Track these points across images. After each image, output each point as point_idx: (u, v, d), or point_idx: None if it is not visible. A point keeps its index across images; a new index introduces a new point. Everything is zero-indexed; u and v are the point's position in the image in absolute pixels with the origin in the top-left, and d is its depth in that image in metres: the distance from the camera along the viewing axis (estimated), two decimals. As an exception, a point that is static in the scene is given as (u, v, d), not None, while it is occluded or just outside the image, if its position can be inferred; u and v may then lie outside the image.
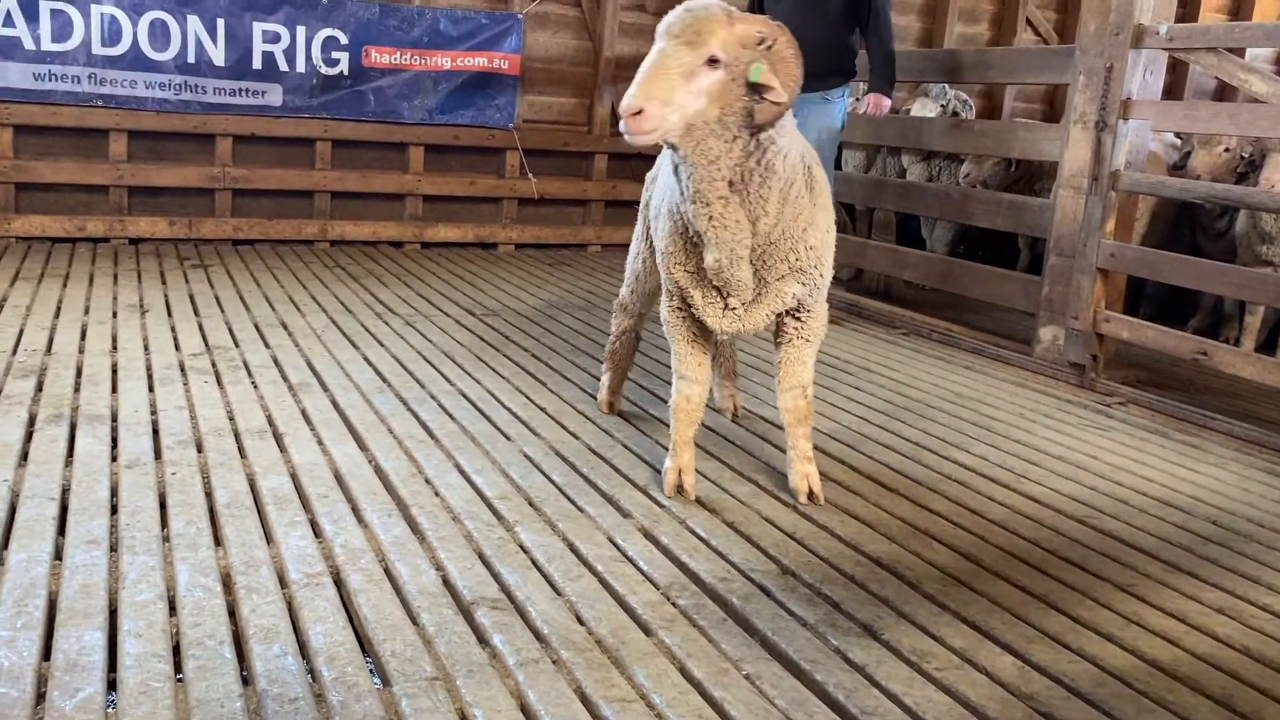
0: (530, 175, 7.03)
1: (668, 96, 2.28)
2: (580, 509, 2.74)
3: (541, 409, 3.56)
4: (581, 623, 2.16)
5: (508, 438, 3.25)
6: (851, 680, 2.02)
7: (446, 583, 2.28)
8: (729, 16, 2.36)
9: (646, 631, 2.14)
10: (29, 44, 5.73)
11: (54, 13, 5.74)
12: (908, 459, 3.37)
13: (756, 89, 2.38)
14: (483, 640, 2.06)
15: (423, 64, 6.62)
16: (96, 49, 5.87)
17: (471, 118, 6.85)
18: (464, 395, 3.65)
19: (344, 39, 6.41)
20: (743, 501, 2.88)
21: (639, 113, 2.27)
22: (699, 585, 2.37)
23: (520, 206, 7.16)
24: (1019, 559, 2.66)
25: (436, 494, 2.77)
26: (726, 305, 2.71)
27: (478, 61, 6.74)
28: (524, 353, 4.31)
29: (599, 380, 3.82)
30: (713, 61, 2.32)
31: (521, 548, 2.48)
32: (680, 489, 2.87)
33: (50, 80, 5.83)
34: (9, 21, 5.65)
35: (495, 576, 2.32)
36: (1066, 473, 3.36)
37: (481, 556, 2.42)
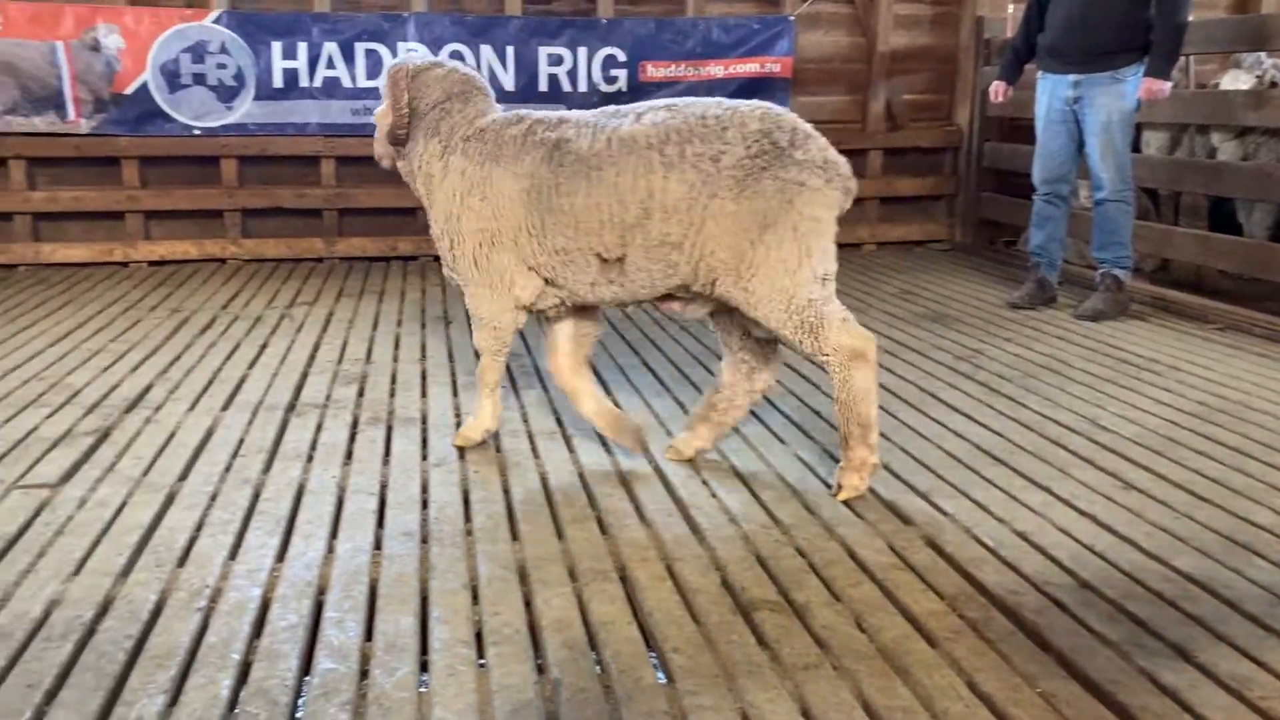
0: (803, 177, 6.99)
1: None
2: (859, 514, 2.69)
3: (815, 412, 3.54)
4: (862, 630, 2.12)
5: (782, 440, 3.25)
6: (1161, 704, 1.87)
7: (726, 584, 2.32)
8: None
9: (931, 642, 2.07)
10: (347, 82, 6.36)
11: (368, 52, 6.33)
12: (1226, 467, 3.06)
13: None
14: (763, 642, 2.08)
15: (696, 74, 6.75)
16: (403, 83, 6.41)
17: (744, 123, 6.90)
18: (740, 398, 3.68)
19: (622, 56, 6.65)
20: (1035, 511, 2.72)
21: None
22: (987, 596, 2.27)
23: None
24: (1365, 581, 2.36)
25: (714, 495, 2.81)
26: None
27: (750, 68, 6.79)
28: (796, 355, 4.29)
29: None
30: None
31: (799, 552, 2.47)
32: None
33: (365, 114, 6.43)
34: (331, 64, 6.30)
35: (773, 580, 2.33)
36: None
37: (759, 559, 2.43)
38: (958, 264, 6.60)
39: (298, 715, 1.84)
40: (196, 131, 6.22)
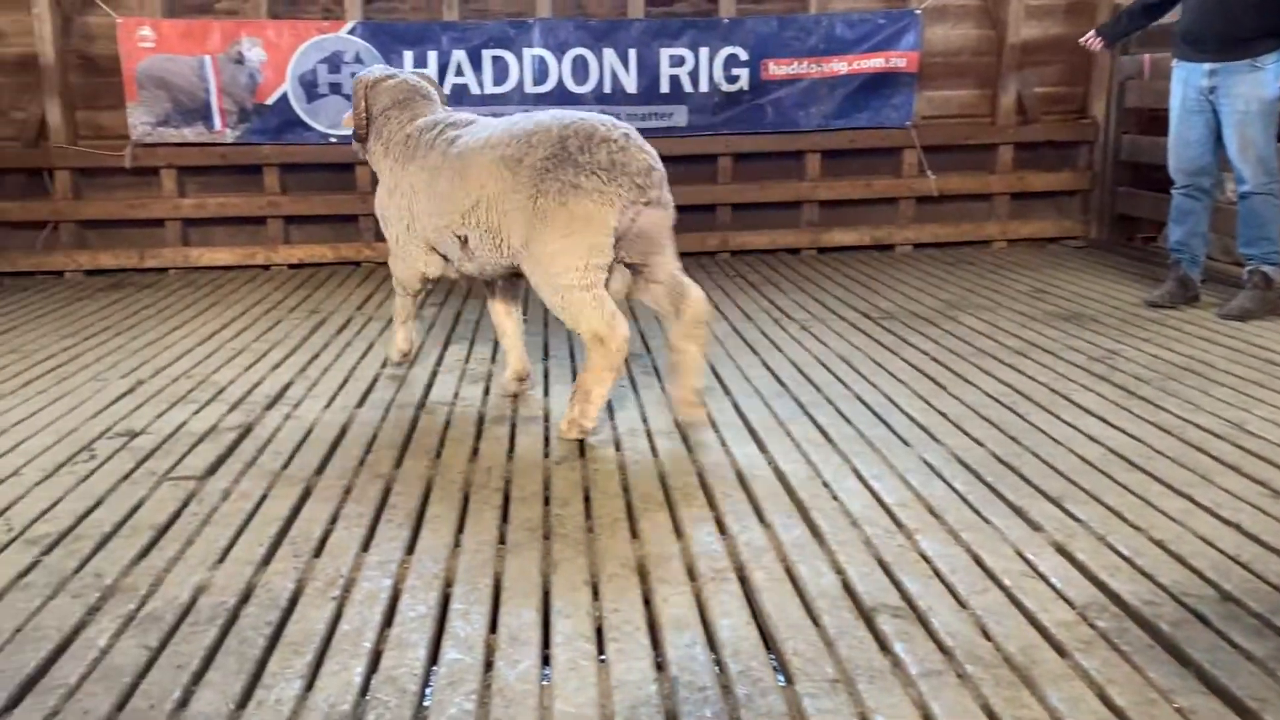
0: (929, 173, 6.85)
1: None
2: (985, 519, 2.63)
3: (942, 414, 3.46)
4: (988, 638, 2.07)
5: (906, 443, 3.19)
6: (1312, 727, 1.77)
7: (846, 587, 2.29)
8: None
9: (1060, 652, 2.01)
10: (475, 89, 6.52)
11: (494, 59, 6.49)
12: (1387, 476, 2.87)
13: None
14: (884, 647, 2.05)
15: (819, 71, 6.68)
16: (528, 88, 6.55)
17: (868, 120, 6.80)
18: (860, 399, 3.64)
19: (744, 55, 6.63)
20: (1174, 519, 2.61)
21: None
22: (1121, 607, 2.18)
23: (918, 205, 7.00)
24: None
25: (835, 498, 2.79)
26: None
27: (874, 63, 6.68)
28: (923, 355, 4.21)
29: (1004, 384, 3.64)
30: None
31: (922, 556, 2.43)
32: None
33: (491, 119, 6.59)
34: (459, 71, 6.48)
35: (896, 584, 2.30)
36: None
37: (881, 563, 2.40)
38: (1093, 261, 6.35)
39: (425, 704, 1.90)
40: (332, 139, 6.48)
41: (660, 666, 2.01)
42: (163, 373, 4.15)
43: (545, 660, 2.04)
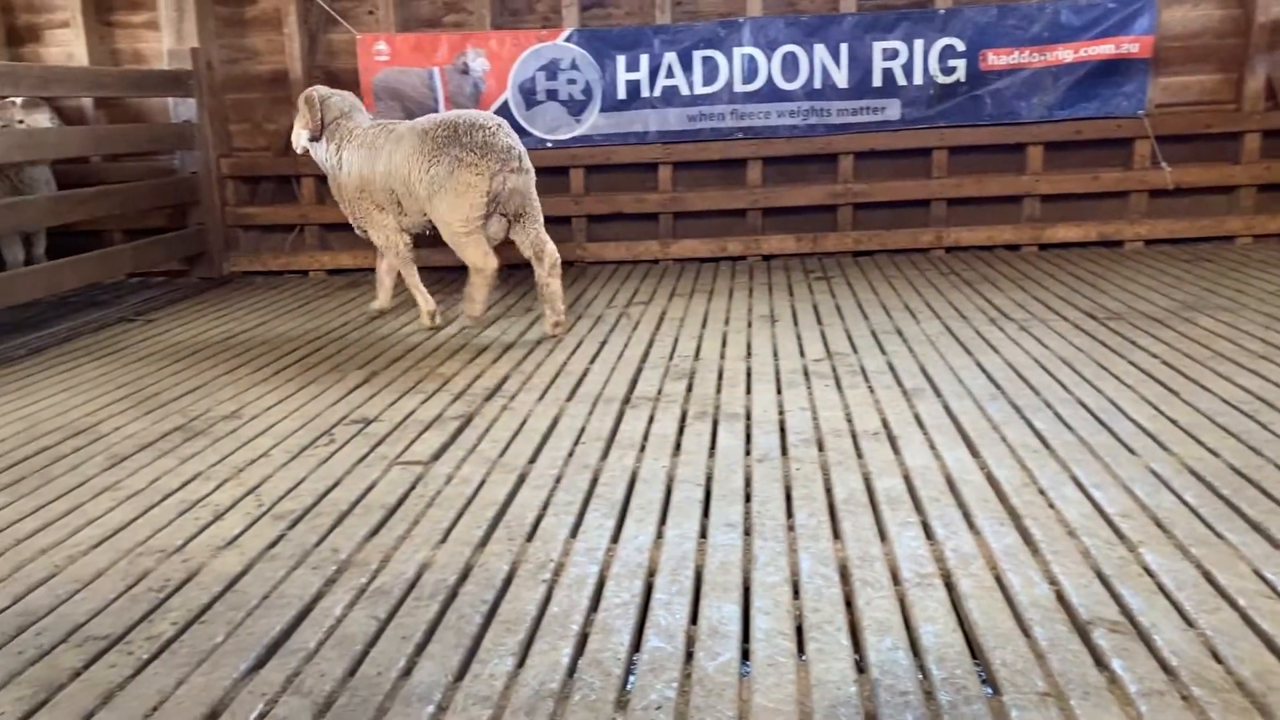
0: (1163, 164, 6.41)
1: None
2: (1219, 534, 2.45)
3: (1172, 421, 3.24)
4: (1218, 660, 1.94)
5: (1132, 451, 3.02)
6: None
7: (1061, 598, 2.20)
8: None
9: (1302, 681, 1.86)
10: (685, 90, 6.62)
11: (704, 60, 6.56)
12: None
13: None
14: (1100, 663, 1.95)
15: (1042, 60, 6.38)
16: (737, 87, 6.58)
17: (1095, 109, 6.44)
18: (1082, 404, 3.46)
19: (961, 46, 6.42)
20: None
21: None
22: (1377, 636, 1.99)
23: (1151, 199, 6.56)
24: None
25: (1051, 506, 2.67)
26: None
27: (1103, 50, 6.31)
28: (1153, 359, 3.96)
29: (1244, 391, 3.38)
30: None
31: (1146, 570, 2.30)
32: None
33: (700, 120, 6.67)
34: (670, 73, 6.59)
35: (1115, 598, 2.18)
36: None
37: (1100, 575, 2.28)
38: (1356, 258, 5.77)
39: (628, 688, 1.97)
40: (549, 144, 6.73)
41: (861, 668, 2.00)
42: (394, 365, 4.45)
43: (744, 655, 2.06)
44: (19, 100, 6.35)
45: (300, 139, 5.17)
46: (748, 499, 2.83)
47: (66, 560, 2.62)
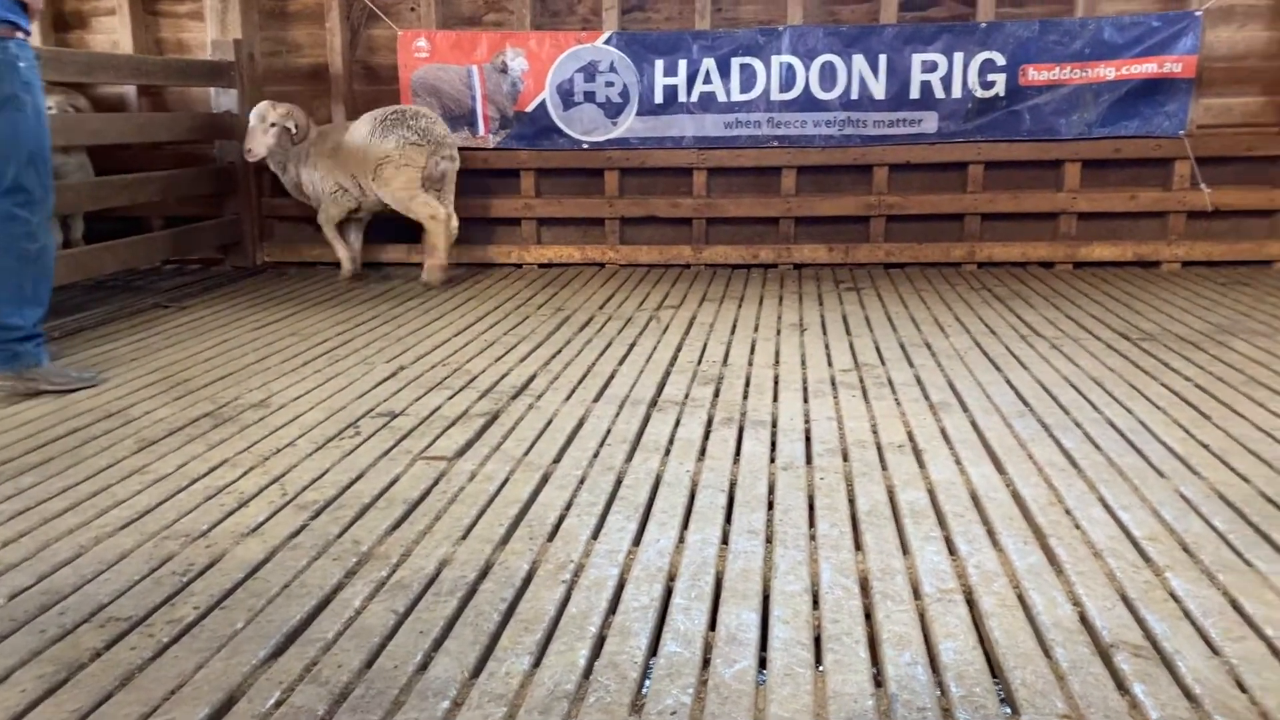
0: (1203, 185, 6.34)
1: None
2: (1248, 562, 2.42)
3: (1203, 445, 3.20)
4: (1243, 689, 1.91)
5: (1161, 474, 2.98)
6: None
7: (1084, 620, 2.17)
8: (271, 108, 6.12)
9: (1329, 714, 1.82)
10: (722, 97, 6.62)
11: (742, 67, 6.56)
12: None
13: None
14: (1121, 687, 1.93)
15: (1083, 77, 6.33)
16: (774, 95, 6.57)
17: (1136, 128, 6.38)
18: (1112, 424, 3.42)
19: (1001, 60, 6.38)
20: None
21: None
22: (1407, 672, 1.96)
23: (1189, 220, 6.49)
24: None
25: (1077, 526, 2.64)
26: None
27: (1146, 68, 6.25)
28: (1185, 381, 3.91)
29: (1277, 417, 3.34)
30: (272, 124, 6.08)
31: (1171, 595, 2.27)
32: None
33: (737, 127, 6.66)
34: (708, 79, 6.59)
35: (1139, 622, 2.15)
36: None
37: (1124, 598, 2.26)
38: (1398, 287, 5.68)
39: (644, 692, 1.96)
40: (585, 146, 6.75)
41: (879, 682, 1.98)
42: (422, 360, 4.47)
43: (762, 663, 2.05)
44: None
45: (258, 148, 6.06)
46: (770, 507, 2.82)
47: (92, 541, 2.65)
